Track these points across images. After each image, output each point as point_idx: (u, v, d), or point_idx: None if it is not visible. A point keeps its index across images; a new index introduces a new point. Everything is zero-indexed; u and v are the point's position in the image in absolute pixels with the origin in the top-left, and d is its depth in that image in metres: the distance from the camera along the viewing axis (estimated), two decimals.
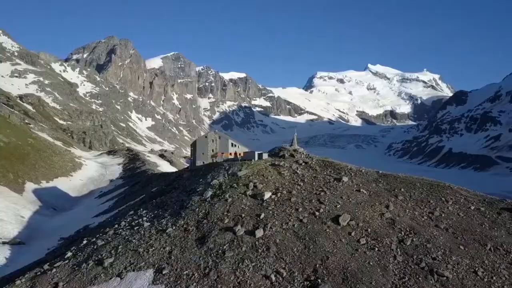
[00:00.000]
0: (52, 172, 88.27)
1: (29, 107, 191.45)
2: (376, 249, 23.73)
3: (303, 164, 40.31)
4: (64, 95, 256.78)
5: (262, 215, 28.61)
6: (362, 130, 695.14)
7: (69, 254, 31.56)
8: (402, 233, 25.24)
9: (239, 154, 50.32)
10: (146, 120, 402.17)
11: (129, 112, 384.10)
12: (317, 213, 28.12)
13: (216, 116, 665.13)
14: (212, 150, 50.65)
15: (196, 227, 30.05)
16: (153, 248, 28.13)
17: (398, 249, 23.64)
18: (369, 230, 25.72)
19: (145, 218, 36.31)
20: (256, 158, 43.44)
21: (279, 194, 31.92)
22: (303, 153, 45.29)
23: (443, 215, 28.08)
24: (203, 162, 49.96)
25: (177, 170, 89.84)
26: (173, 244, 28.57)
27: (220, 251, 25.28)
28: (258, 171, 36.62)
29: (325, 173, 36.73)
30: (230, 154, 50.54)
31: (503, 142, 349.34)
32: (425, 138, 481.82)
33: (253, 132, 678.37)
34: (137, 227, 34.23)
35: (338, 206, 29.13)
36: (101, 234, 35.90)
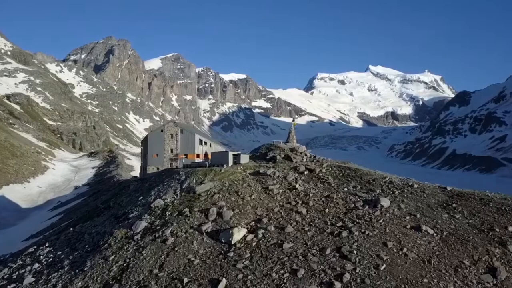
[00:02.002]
0: (3, 177, 73.50)
1: (17, 106, 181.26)
2: None
3: (306, 173, 24.78)
4: (56, 95, 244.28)
5: (223, 283, 13.80)
6: (363, 131, 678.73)
7: None
8: None
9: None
10: (144, 121, 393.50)
11: (127, 113, 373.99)
12: (337, 285, 13.08)
13: (215, 117, 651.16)
14: (171, 150, 34.64)
15: None
16: None
17: None
18: None
19: (37, 265, 21.66)
20: (231, 162, 27.45)
21: (261, 233, 16.76)
22: (305, 155, 28.71)
23: None
24: (157, 168, 34.24)
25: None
26: None
27: None
28: (230, 186, 21.49)
29: (345, 189, 20.80)
30: (198, 156, 34.74)
31: (509, 143, 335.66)
32: (428, 139, 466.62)
33: (253, 133, 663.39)
34: (12, 286, 19.57)
35: (382, 267, 13.84)
36: None
